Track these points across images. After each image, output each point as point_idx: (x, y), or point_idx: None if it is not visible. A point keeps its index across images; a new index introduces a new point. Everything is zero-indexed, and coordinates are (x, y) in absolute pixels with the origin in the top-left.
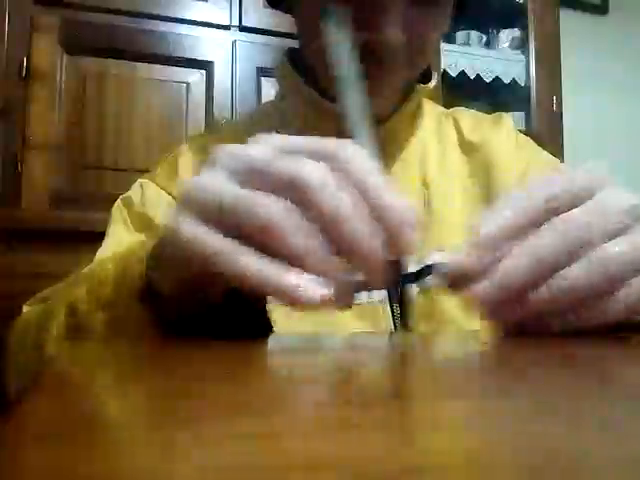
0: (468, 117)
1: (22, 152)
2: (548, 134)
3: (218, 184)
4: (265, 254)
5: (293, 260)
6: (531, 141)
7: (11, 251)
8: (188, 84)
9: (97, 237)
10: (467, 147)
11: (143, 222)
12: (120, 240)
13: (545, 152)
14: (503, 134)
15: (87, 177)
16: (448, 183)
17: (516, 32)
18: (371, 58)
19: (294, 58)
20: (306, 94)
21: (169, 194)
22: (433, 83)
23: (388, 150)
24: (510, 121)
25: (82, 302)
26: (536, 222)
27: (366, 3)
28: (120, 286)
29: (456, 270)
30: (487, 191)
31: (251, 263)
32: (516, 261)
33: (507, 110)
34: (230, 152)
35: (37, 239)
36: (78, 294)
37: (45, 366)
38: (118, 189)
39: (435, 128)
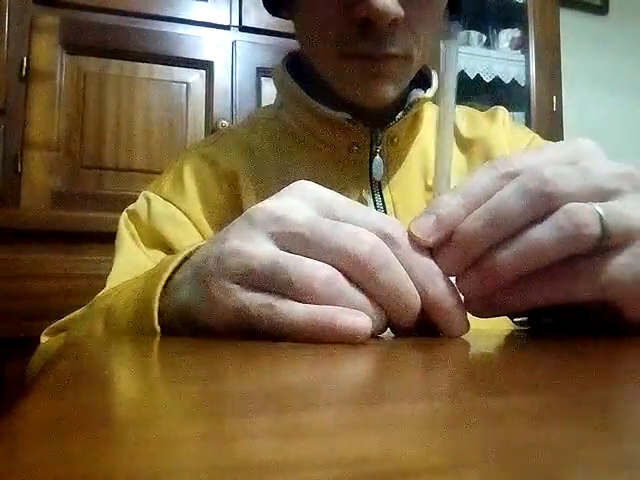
0: (464, 115)
1: (22, 152)
2: (548, 134)
3: (260, 248)
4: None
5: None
6: (529, 130)
7: (11, 251)
8: (188, 84)
9: (97, 237)
10: (464, 144)
11: (152, 237)
12: (132, 258)
13: (546, 141)
14: (499, 127)
15: (87, 177)
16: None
17: (516, 32)
18: (372, 34)
19: (292, 64)
20: (304, 103)
21: (175, 206)
22: (432, 91)
23: (390, 157)
24: (505, 113)
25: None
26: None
27: None
28: (134, 328)
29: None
30: None
31: (302, 308)
32: (470, 220)
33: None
34: (270, 214)
35: (37, 239)
36: (96, 329)
37: (46, 366)
38: (118, 189)
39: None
